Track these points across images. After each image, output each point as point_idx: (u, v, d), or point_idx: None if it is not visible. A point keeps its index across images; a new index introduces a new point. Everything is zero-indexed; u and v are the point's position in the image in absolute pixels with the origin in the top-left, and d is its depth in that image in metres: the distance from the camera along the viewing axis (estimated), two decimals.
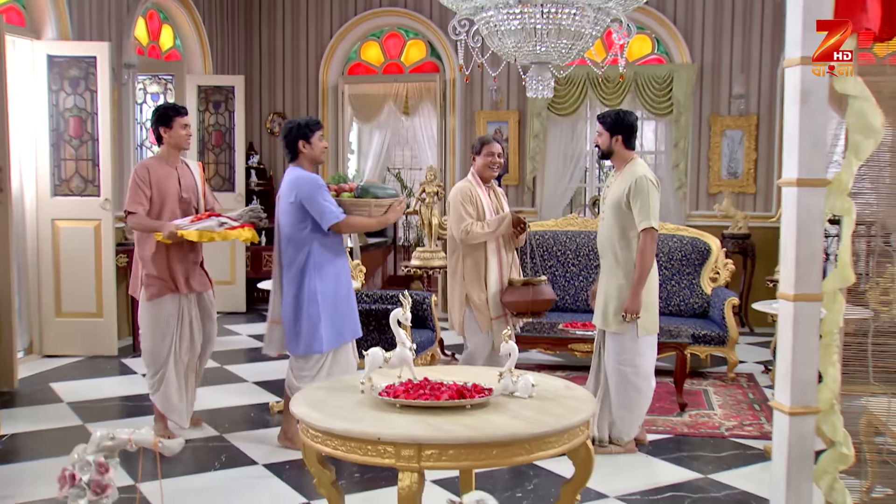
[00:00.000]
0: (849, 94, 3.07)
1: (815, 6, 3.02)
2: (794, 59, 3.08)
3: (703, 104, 10.71)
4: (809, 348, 3.15)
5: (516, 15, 6.10)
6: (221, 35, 11.49)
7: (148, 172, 5.98)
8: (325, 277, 5.64)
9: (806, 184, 3.09)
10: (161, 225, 5.88)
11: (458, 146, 11.32)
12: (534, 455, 3.27)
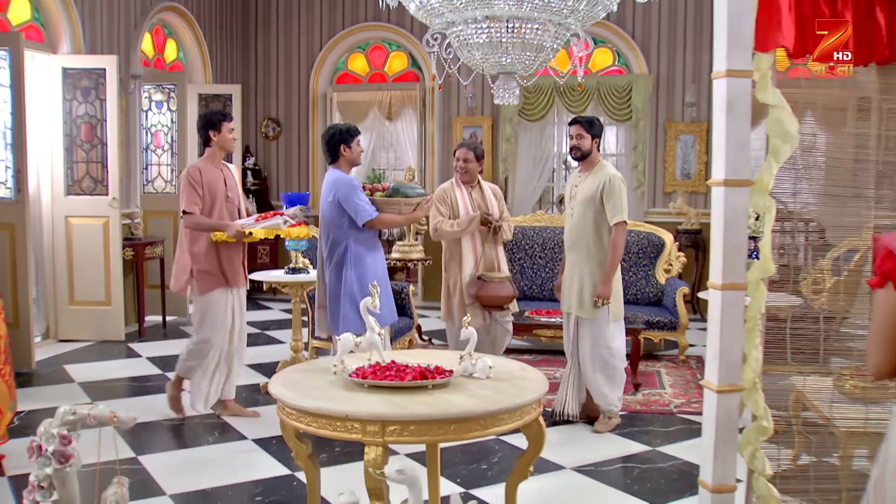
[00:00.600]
0: (769, 103, 3.11)
1: (737, 26, 3.05)
2: (721, 72, 3.11)
3: (659, 111, 10.74)
4: (735, 332, 3.18)
5: (484, 29, 6.09)
6: (220, 48, 11.46)
7: (200, 174, 5.91)
8: (361, 268, 5.71)
9: (732, 184, 3.12)
10: (224, 225, 5.86)
11: (436, 148, 11.33)
12: (489, 430, 3.29)
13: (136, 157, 9.72)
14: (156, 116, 10.31)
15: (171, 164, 10.24)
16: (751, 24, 3.07)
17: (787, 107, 3.09)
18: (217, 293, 5.99)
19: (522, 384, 3.57)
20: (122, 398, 6.72)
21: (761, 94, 3.11)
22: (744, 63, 3.08)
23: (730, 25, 3.05)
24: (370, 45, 11.89)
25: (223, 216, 5.96)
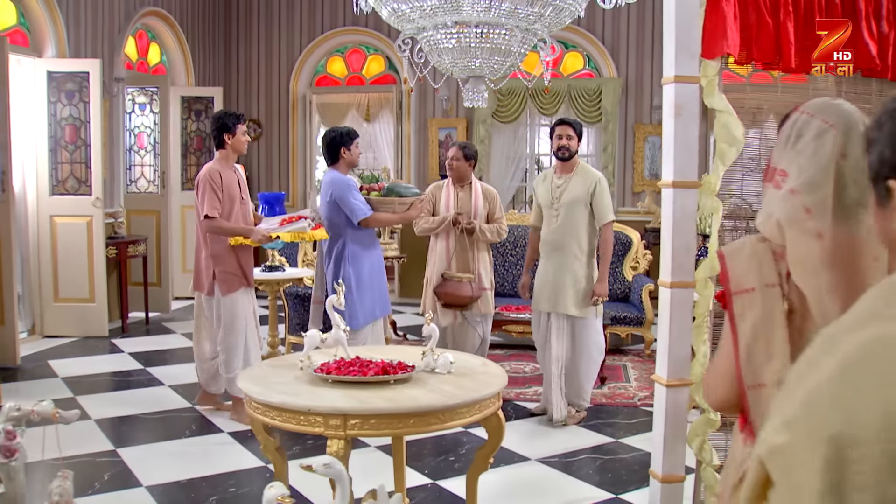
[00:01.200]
0: (716, 108, 3.14)
1: (684, 33, 3.09)
2: (669, 78, 3.15)
3: (628, 113, 10.78)
4: (684, 329, 3.22)
5: (453, 34, 6.11)
6: (203, 51, 11.43)
7: (220, 177, 5.77)
8: (358, 265, 5.83)
9: (680, 186, 3.16)
10: (249, 230, 5.77)
11: (412, 149, 11.34)
12: (447, 424, 3.30)
13: (120, 158, 9.68)
14: (139, 118, 10.29)
15: (154, 165, 10.23)
16: (698, 32, 3.10)
17: (734, 112, 3.12)
18: (240, 293, 5.89)
19: (483, 379, 3.58)
20: (104, 392, 6.69)
21: (709, 100, 3.15)
22: (691, 69, 3.11)
23: (678, 33, 3.08)
24: (348, 48, 11.88)
25: (239, 219, 5.86)
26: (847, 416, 1.01)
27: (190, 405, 6.29)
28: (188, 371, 7.30)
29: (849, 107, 1.95)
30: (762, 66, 3.26)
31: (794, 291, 1.90)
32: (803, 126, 1.94)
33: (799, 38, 3.18)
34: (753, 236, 2.01)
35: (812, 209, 1.86)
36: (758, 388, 1.88)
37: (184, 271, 10.98)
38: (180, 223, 10.92)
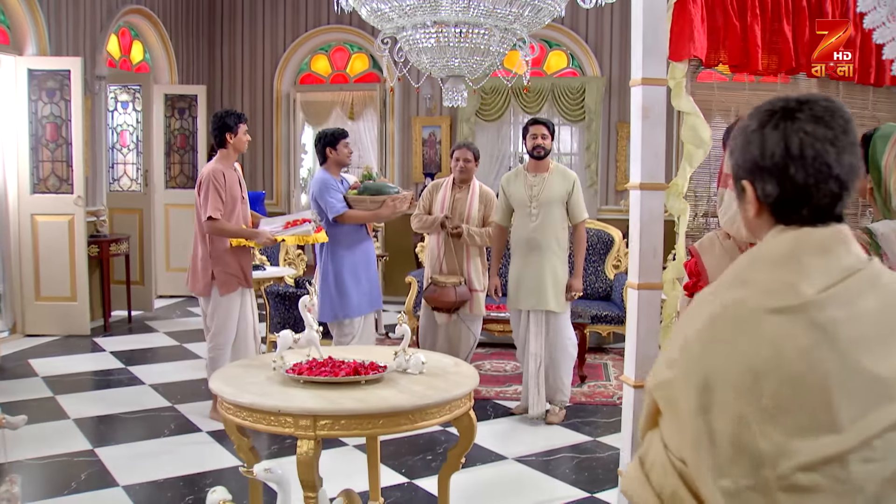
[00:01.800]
0: (683, 111, 3.16)
1: (652, 36, 3.10)
2: (637, 80, 3.16)
3: (612, 112, 10.80)
4: (651, 330, 3.23)
5: (432, 34, 6.12)
6: (186, 49, 11.40)
7: (224, 177, 5.74)
8: (338, 261, 6.01)
9: (647, 188, 3.17)
10: (253, 233, 5.77)
11: (396, 147, 11.33)
12: (418, 424, 3.31)
13: (102, 157, 9.65)
14: (122, 116, 10.27)
15: (137, 164, 10.21)
16: (665, 34, 3.12)
17: (700, 114, 3.14)
18: (238, 294, 5.88)
19: (454, 379, 3.59)
20: (84, 392, 6.68)
21: (676, 102, 3.17)
22: (658, 72, 3.12)
23: (645, 36, 3.09)
24: (332, 46, 11.86)
25: (240, 219, 5.87)
26: (710, 359, 1.43)
27: (170, 404, 6.28)
28: (169, 370, 7.34)
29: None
30: (730, 68, 3.28)
31: None
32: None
33: (766, 41, 3.20)
34: (718, 233, 2.23)
35: None
36: None
37: (167, 269, 10.98)
38: (164, 221, 10.90)
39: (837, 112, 1.51)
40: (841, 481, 1.37)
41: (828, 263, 1.48)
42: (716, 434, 1.41)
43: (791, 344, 1.41)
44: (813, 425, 1.38)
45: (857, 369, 1.41)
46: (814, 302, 1.43)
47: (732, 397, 1.41)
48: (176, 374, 7.17)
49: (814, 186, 1.49)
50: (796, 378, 1.40)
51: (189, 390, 6.63)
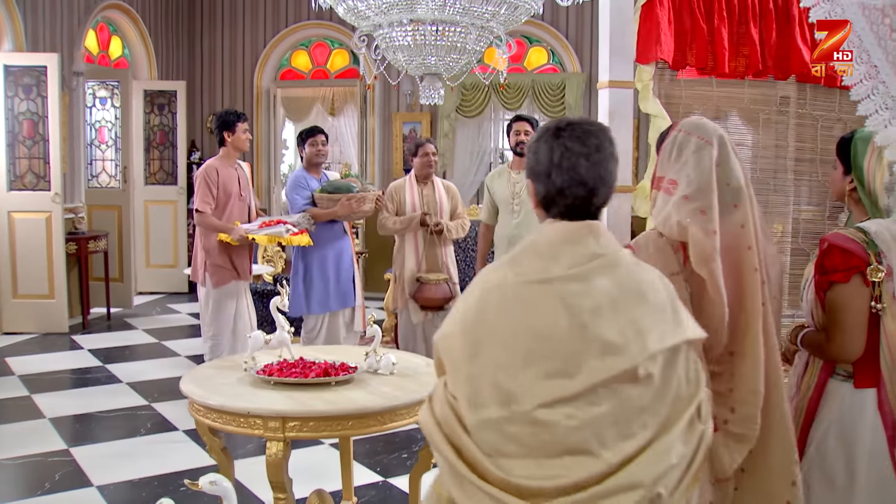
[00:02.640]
0: (650, 113, 3.17)
1: (619, 39, 3.11)
2: (604, 83, 3.18)
3: (592, 108, 10.80)
4: None
5: (408, 32, 6.11)
6: (166, 44, 11.35)
7: (217, 174, 5.92)
8: (308, 256, 6.15)
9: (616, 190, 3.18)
10: (230, 228, 5.87)
11: (377, 143, 11.31)
12: (387, 425, 3.31)
13: (80, 153, 9.60)
14: (100, 112, 10.22)
15: (115, 160, 10.16)
16: (632, 37, 3.13)
17: (668, 116, 3.15)
18: (230, 286, 6.02)
19: (424, 380, 3.60)
20: (61, 390, 6.67)
21: (643, 104, 3.18)
22: (625, 74, 3.14)
23: (612, 38, 3.11)
24: (313, 42, 11.83)
25: (234, 215, 6.00)
26: (481, 321, 1.89)
27: (147, 402, 6.27)
28: (147, 368, 7.33)
29: (714, 124, 2.45)
30: (697, 71, 3.30)
31: (692, 278, 2.33)
32: (683, 142, 2.42)
33: (733, 43, 3.22)
34: (653, 232, 2.42)
35: (705, 211, 2.31)
36: None
37: (147, 266, 10.95)
38: (143, 218, 10.86)
39: (594, 134, 1.95)
40: (570, 417, 1.79)
41: (575, 250, 1.92)
42: (480, 377, 1.86)
43: (539, 309, 1.86)
44: (552, 373, 1.81)
45: (588, 331, 1.83)
46: (559, 277, 1.88)
47: (495, 350, 1.87)
48: (154, 373, 7.16)
49: (567, 189, 1.94)
50: (542, 335, 1.84)
51: (166, 388, 6.61)
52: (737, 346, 2.40)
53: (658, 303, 1.92)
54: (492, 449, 1.83)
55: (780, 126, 3.55)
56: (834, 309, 2.57)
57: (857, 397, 2.60)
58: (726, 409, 2.40)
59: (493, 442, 1.83)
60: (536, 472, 1.79)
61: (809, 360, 2.77)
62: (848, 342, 2.56)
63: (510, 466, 1.81)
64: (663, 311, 1.92)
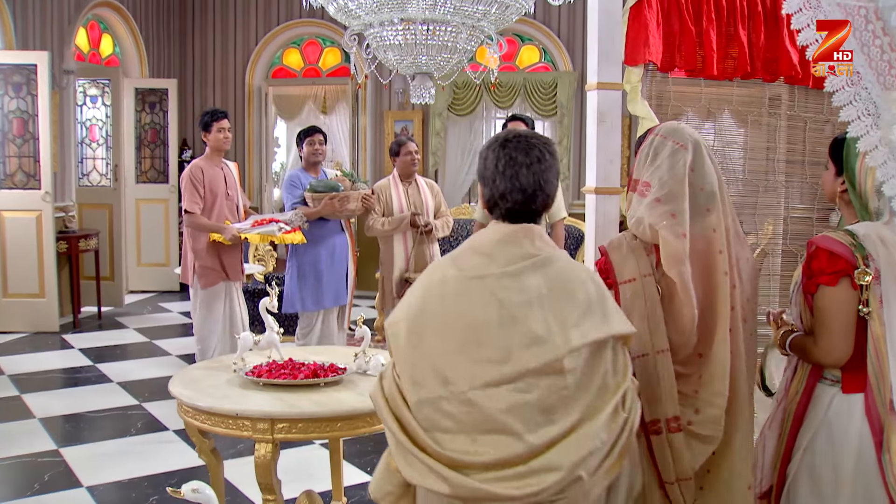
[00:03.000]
0: (638, 115, 3.17)
1: (608, 41, 3.11)
2: (592, 85, 3.18)
3: (584, 107, 10.76)
4: None
5: (399, 31, 6.11)
6: (157, 42, 11.32)
7: (202, 173, 5.95)
8: (301, 254, 6.22)
9: (602, 192, 3.20)
10: (221, 228, 5.88)
11: (368, 141, 11.31)
12: (376, 427, 3.30)
13: (71, 151, 9.57)
14: (90, 111, 10.19)
15: (106, 158, 10.15)
16: (621, 39, 3.13)
17: (656, 118, 3.16)
18: (219, 287, 6.02)
19: None
20: (51, 390, 6.64)
21: (631, 106, 3.19)
22: (614, 76, 3.14)
23: (601, 41, 3.11)
24: (304, 40, 11.82)
25: (223, 214, 6.02)
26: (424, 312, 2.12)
27: (137, 402, 6.26)
28: (138, 367, 7.32)
29: (691, 129, 2.51)
30: (686, 73, 3.30)
31: (663, 279, 2.38)
32: (659, 146, 2.46)
33: (721, 46, 3.22)
34: (626, 234, 2.49)
35: (676, 214, 2.35)
36: (641, 357, 2.35)
37: (139, 265, 10.93)
38: (135, 217, 10.83)
39: (537, 146, 2.17)
40: (499, 400, 2.00)
41: (510, 250, 2.13)
42: (422, 361, 2.08)
43: (475, 302, 2.08)
44: (484, 359, 2.03)
45: (517, 323, 2.04)
46: (493, 274, 2.09)
47: (434, 338, 2.09)
48: (144, 372, 7.14)
49: (508, 194, 2.15)
50: (476, 326, 2.06)
51: (157, 388, 6.60)
52: (705, 349, 2.43)
53: (586, 300, 2.10)
54: (429, 424, 2.05)
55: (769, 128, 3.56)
56: (821, 312, 2.57)
57: (845, 402, 2.59)
58: (691, 410, 2.43)
59: (430, 418, 2.05)
60: (468, 448, 2.01)
61: (798, 365, 2.77)
62: (835, 346, 2.56)
63: (444, 440, 2.03)
64: (590, 307, 2.09)
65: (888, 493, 2.46)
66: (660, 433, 2.38)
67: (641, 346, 2.37)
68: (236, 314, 6.17)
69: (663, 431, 2.38)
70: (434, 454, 2.02)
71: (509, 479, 1.97)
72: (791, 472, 2.70)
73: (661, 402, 2.37)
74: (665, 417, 2.37)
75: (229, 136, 6.18)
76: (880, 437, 2.49)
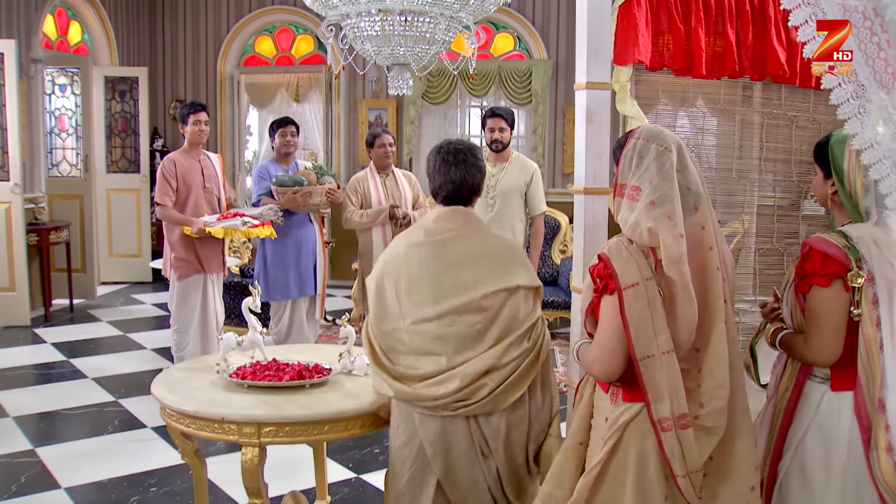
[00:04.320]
0: (627, 115, 3.16)
1: (597, 40, 3.09)
2: (581, 84, 3.15)
3: (558, 95, 10.81)
4: None
5: (377, 21, 6.05)
6: (127, 29, 11.16)
7: (174, 166, 5.97)
8: (269, 245, 6.30)
9: (591, 192, 3.18)
10: (189, 220, 5.89)
11: (342, 130, 11.24)
12: (362, 429, 3.30)
13: (40, 142, 9.41)
14: (60, 100, 10.03)
15: (77, 148, 9.99)
16: (610, 38, 3.11)
17: (645, 118, 3.14)
18: (194, 279, 6.03)
19: None
20: (24, 387, 6.53)
21: (620, 106, 3.17)
22: (603, 75, 3.12)
23: (590, 39, 3.09)
24: (277, 27, 11.70)
25: (200, 206, 6.02)
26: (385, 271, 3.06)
27: (113, 398, 6.19)
28: (113, 362, 7.23)
29: (670, 132, 2.57)
30: (675, 72, 3.29)
31: (663, 281, 2.43)
32: (642, 149, 2.48)
33: (710, 45, 3.21)
34: (622, 239, 2.48)
35: (672, 216, 2.39)
36: (648, 358, 2.41)
37: (110, 255, 10.81)
38: (105, 207, 10.70)
39: (462, 151, 3.08)
40: (431, 331, 2.94)
41: (445, 224, 3.06)
42: (384, 302, 3.03)
43: (419, 261, 3.00)
44: (423, 302, 2.95)
45: (451, 274, 2.96)
46: (432, 241, 3.02)
47: (390, 285, 3.02)
48: (120, 367, 7.06)
49: (443, 185, 3.08)
50: (417, 279, 2.98)
51: (133, 383, 6.54)
52: (702, 343, 2.48)
53: (497, 260, 3.03)
54: (388, 348, 3.05)
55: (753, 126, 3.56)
56: (813, 313, 2.62)
57: (835, 399, 2.65)
58: (696, 404, 2.47)
59: (389, 344, 3.04)
60: (413, 364, 2.98)
61: (787, 362, 2.81)
62: (826, 346, 2.61)
63: (397, 360, 3.03)
64: (500, 266, 3.01)
65: (876, 488, 2.52)
66: (669, 430, 2.41)
67: (647, 347, 2.41)
68: (209, 307, 6.15)
69: (673, 428, 2.41)
70: (388, 370, 3.02)
71: (431, 385, 2.92)
72: (782, 469, 2.76)
73: (669, 401, 2.40)
74: (674, 416, 2.40)
75: (205, 129, 6.14)
76: (868, 434, 2.56)
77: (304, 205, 6.21)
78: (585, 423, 2.71)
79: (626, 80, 3.14)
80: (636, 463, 2.50)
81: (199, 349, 6.10)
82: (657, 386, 2.42)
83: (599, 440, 2.59)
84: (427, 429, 2.98)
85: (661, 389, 2.42)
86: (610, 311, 2.47)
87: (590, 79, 3.09)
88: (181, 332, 6.08)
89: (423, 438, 2.99)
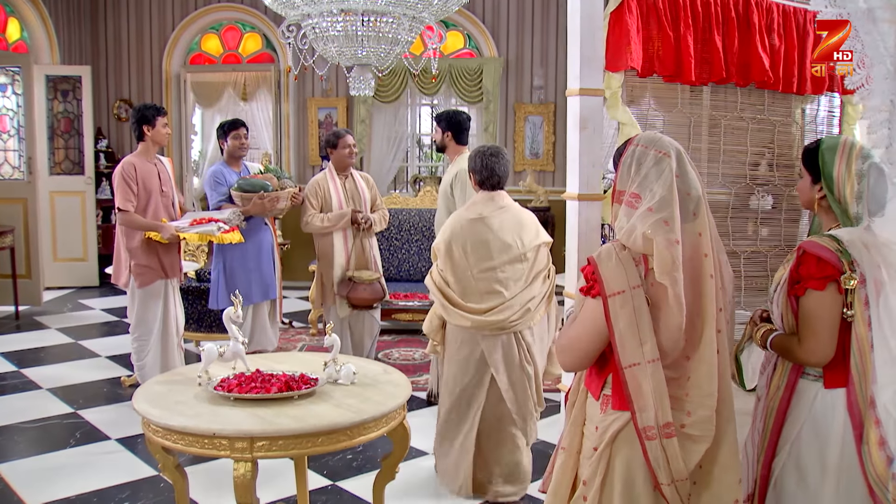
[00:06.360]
0: (620, 121, 3.17)
1: (589, 47, 3.09)
2: (574, 90, 3.15)
3: (509, 93, 10.85)
4: None
5: (339, 21, 6.01)
6: (68, 27, 10.88)
7: (135, 169, 5.83)
8: (228, 250, 6.24)
9: (585, 198, 3.18)
10: (159, 226, 5.80)
11: (291, 129, 11.13)
12: (356, 440, 3.25)
13: None
14: (0, 100, 9.75)
15: (19, 150, 9.72)
16: (602, 45, 3.11)
17: (637, 124, 3.15)
18: (157, 286, 5.94)
19: (387, 389, 3.54)
20: None
21: (612, 112, 3.18)
22: (596, 82, 3.12)
23: (582, 46, 3.08)
24: (224, 25, 11.53)
25: (158, 210, 5.94)
26: (452, 236, 4.52)
27: (72, 409, 6.03)
28: (67, 371, 7.05)
29: (669, 138, 2.55)
30: (664, 78, 3.31)
31: (651, 289, 2.42)
32: (641, 156, 2.48)
33: (698, 51, 3.24)
34: (615, 245, 2.46)
35: (669, 222, 2.38)
36: (634, 367, 2.40)
37: (55, 260, 10.54)
38: (49, 210, 10.43)
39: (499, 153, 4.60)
40: (491, 277, 4.44)
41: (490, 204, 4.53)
42: (453, 258, 4.48)
43: (476, 231, 4.44)
44: (483, 257, 4.43)
45: (498, 239, 4.42)
46: (483, 217, 4.46)
47: (458, 247, 4.46)
48: (75, 376, 6.88)
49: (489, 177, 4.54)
50: (477, 243, 4.43)
51: (91, 393, 6.39)
52: (692, 352, 2.47)
53: (529, 227, 4.54)
54: (462, 291, 4.46)
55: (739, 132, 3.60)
56: (807, 315, 2.68)
57: (828, 397, 2.72)
58: (682, 413, 2.47)
59: (462, 289, 4.46)
60: (479, 301, 4.43)
61: (778, 362, 2.86)
62: (820, 347, 2.67)
63: (468, 299, 4.44)
64: (532, 230, 4.53)
65: (867, 482, 2.58)
66: (653, 439, 2.42)
67: (633, 355, 2.40)
68: (171, 313, 6.07)
69: (658, 437, 2.42)
70: (462, 307, 4.43)
71: (495, 314, 4.37)
72: (778, 466, 2.82)
73: (653, 410, 2.40)
74: (658, 424, 2.40)
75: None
76: (860, 430, 2.63)
77: (272, 209, 6.17)
78: (578, 431, 2.71)
79: (619, 87, 3.15)
80: (624, 472, 2.51)
81: (160, 356, 6.02)
82: (643, 395, 2.42)
83: (590, 449, 2.60)
84: (490, 345, 4.45)
85: (646, 398, 2.42)
86: (590, 312, 2.48)
87: (583, 85, 3.09)
88: (142, 340, 5.98)
89: (486, 350, 4.46)
